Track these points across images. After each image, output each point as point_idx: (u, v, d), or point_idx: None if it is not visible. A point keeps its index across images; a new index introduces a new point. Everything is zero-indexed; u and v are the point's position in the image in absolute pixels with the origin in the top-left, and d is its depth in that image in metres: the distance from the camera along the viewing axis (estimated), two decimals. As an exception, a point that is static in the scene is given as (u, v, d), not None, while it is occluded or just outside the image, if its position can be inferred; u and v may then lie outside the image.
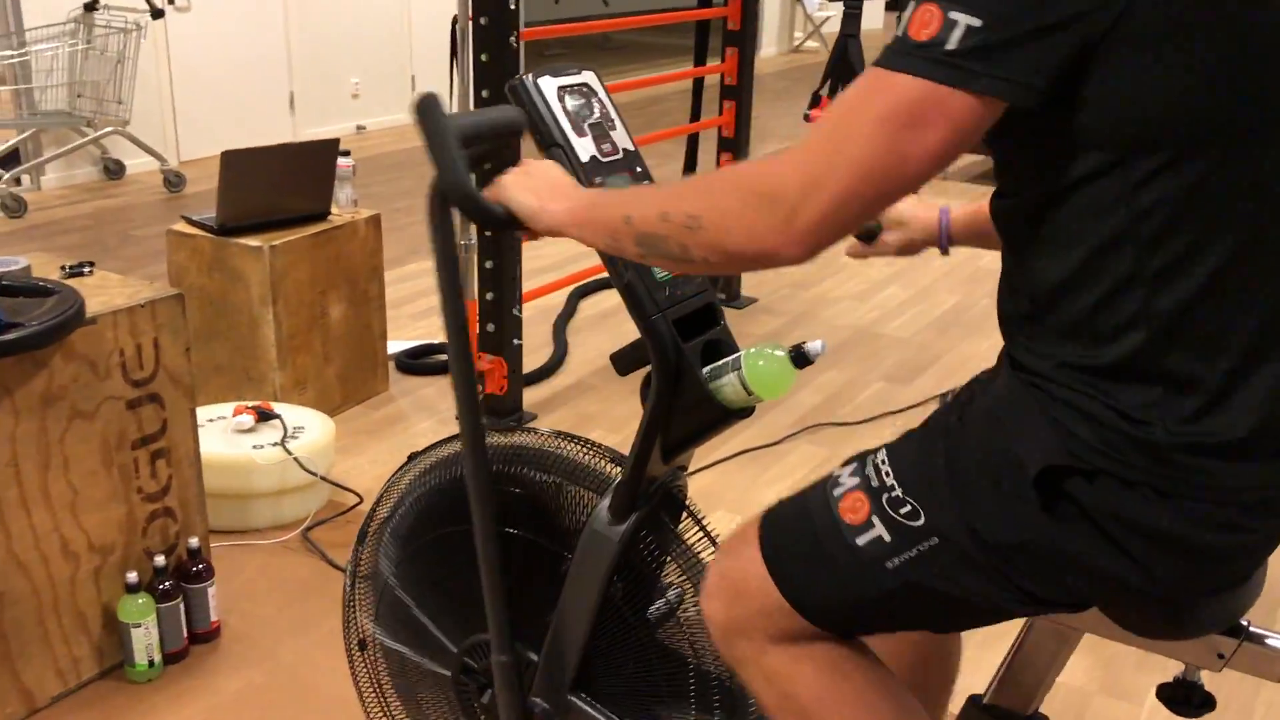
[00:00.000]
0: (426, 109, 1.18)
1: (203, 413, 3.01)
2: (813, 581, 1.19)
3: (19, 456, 2.02)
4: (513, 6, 3.08)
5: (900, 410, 3.60)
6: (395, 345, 3.89)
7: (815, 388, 3.79)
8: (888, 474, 1.16)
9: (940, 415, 1.19)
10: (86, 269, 2.31)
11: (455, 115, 1.20)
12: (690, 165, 4.49)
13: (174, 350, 2.26)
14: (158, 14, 5.85)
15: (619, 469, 1.44)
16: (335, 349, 3.46)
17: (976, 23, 0.93)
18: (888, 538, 1.14)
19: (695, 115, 4.46)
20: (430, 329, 4.16)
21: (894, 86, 0.95)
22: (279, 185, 3.27)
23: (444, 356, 3.87)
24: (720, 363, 1.35)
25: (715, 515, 2.97)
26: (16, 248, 5.12)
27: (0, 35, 5.78)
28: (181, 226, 3.32)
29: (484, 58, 3.13)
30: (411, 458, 1.64)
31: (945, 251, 1.51)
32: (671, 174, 1.55)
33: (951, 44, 0.94)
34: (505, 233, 1.33)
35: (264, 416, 2.96)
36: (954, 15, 0.94)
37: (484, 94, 3.16)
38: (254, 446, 2.83)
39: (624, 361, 1.37)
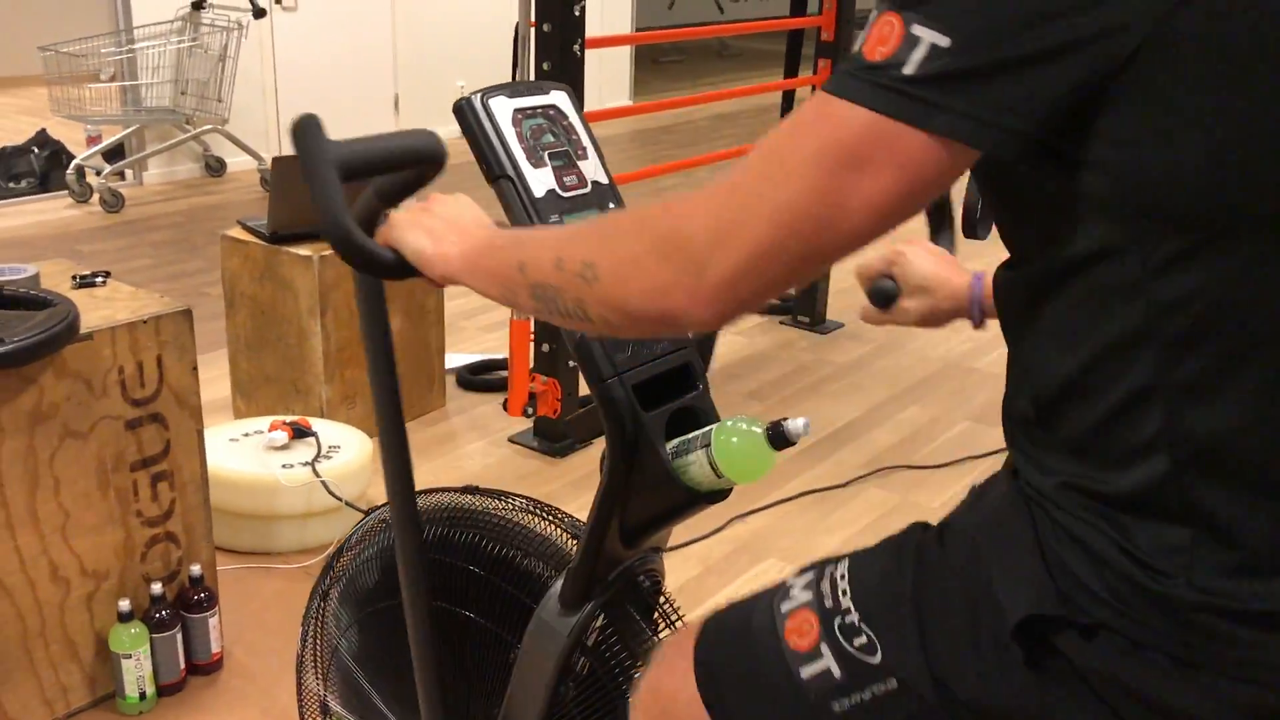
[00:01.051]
0: (301, 132, 1.01)
1: (238, 426, 2.92)
2: (747, 714, 0.98)
3: (3, 477, 1.92)
4: (577, 13, 2.92)
5: (985, 455, 3.32)
6: (456, 359, 3.76)
7: (893, 425, 3.54)
8: (844, 593, 0.94)
9: (918, 529, 0.97)
10: (99, 279, 2.22)
11: (342, 142, 1.03)
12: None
13: (179, 369, 2.14)
14: (260, 13, 5.87)
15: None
16: (387, 363, 3.33)
17: (944, 42, 0.73)
18: (837, 672, 0.93)
19: (785, 130, 4.23)
20: (495, 343, 4.03)
21: (834, 116, 0.76)
22: (307, 196, 3.16)
23: (505, 373, 3.73)
24: (689, 436, 1.15)
25: (764, 565, 2.75)
26: (104, 243, 5.17)
27: (110, 32, 5.87)
28: (236, 232, 3.24)
29: (545, 66, 2.97)
30: (368, 512, 1.48)
31: (978, 324, 1.27)
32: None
33: (910, 67, 0.74)
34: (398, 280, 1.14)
35: (299, 433, 2.85)
36: (916, 30, 0.74)
37: (544, 104, 3.00)
38: (283, 466, 2.72)
39: (582, 426, 1.17)
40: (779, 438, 1.10)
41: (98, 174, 5.74)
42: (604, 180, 1.20)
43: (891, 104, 0.74)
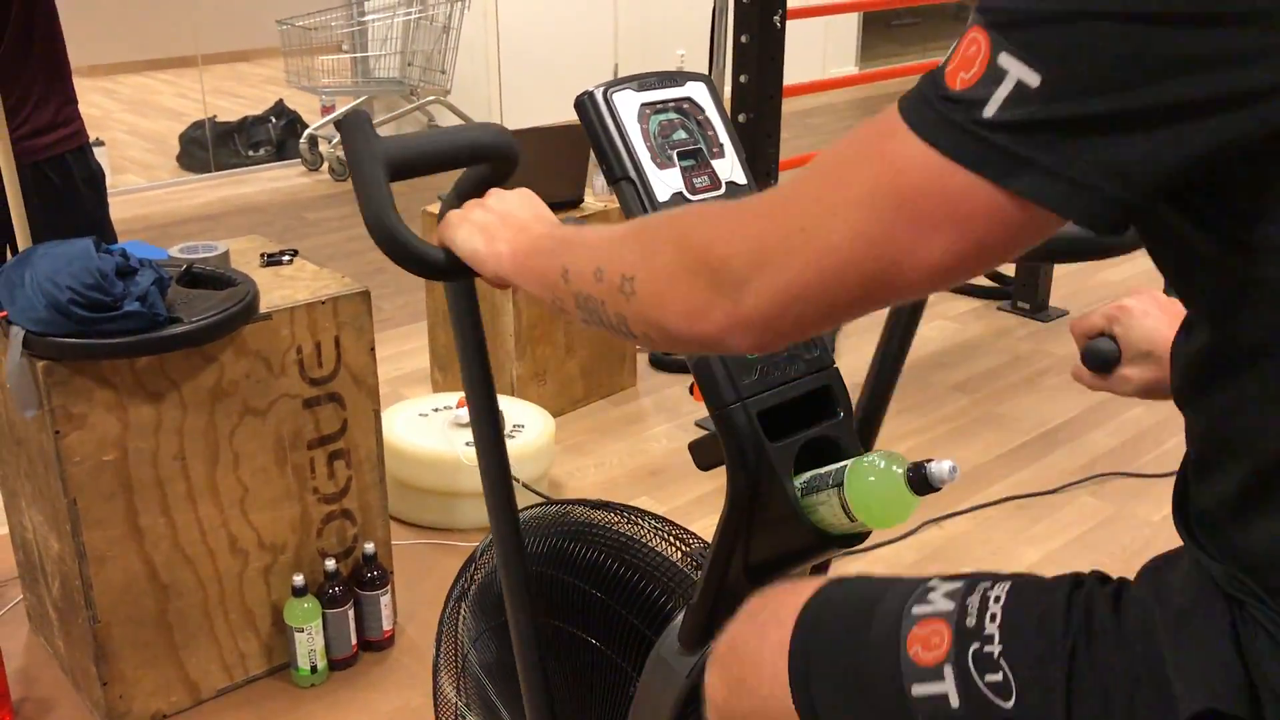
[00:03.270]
0: (349, 129, 0.95)
1: (429, 401, 2.95)
2: (834, 713, 0.87)
3: (186, 451, 1.98)
4: (778, -18, 2.78)
5: (1218, 464, 3.01)
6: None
7: (1115, 427, 3.25)
8: (994, 617, 0.81)
9: (1094, 580, 0.83)
10: (286, 258, 2.25)
11: (393, 139, 0.97)
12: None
13: (357, 349, 2.16)
14: (483, -15, 5.95)
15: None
16: (579, 341, 3.31)
17: (1033, 80, 0.60)
18: (955, 702, 0.80)
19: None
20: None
21: (898, 151, 0.65)
22: (530, 169, 3.13)
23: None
24: (822, 472, 1.03)
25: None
26: (328, 211, 5.38)
27: (342, 5, 6.08)
28: (435, 208, 3.27)
29: (744, 39, 2.85)
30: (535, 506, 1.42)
31: None
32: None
33: (991, 107, 0.61)
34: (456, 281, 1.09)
35: (486, 411, 2.85)
36: (1004, 60, 0.61)
37: (742, 79, 2.88)
38: (466, 443, 2.72)
39: (704, 453, 1.07)
40: (920, 482, 0.96)
41: (329, 143, 5.98)
42: (741, 180, 1.09)
43: (965, 150, 0.62)
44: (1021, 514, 2.83)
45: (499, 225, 0.96)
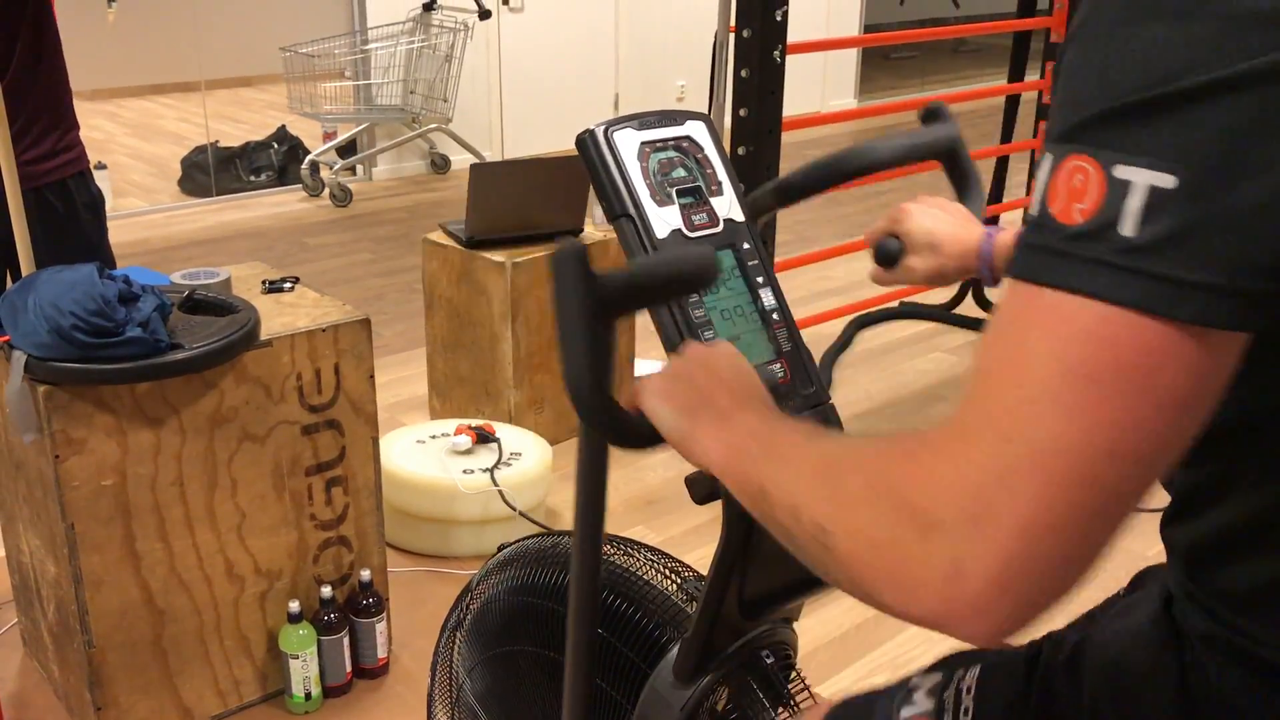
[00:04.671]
0: (561, 268, 0.82)
1: (426, 428, 2.96)
2: None
3: (185, 476, 1.99)
4: (778, 18, 2.81)
5: (1212, 500, 3.02)
6: (646, 366, 3.71)
7: (1110, 461, 3.26)
8: (966, 711, 0.83)
9: (1049, 645, 0.84)
10: (287, 285, 2.27)
11: (609, 275, 0.83)
12: (996, 195, 4.02)
13: (356, 376, 2.17)
14: (485, 14, 6.00)
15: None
16: (577, 370, 3.32)
17: (1168, 181, 0.53)
18: None
19: (1006, 137, 3.99)
20: (692, 352, 3.96)
21: (1050, 317, 0.56)
22: (530, 199, 3.17)
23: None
24: (818, 506, 1.04)
25: (950, 608, 2.57)
26: (329, 236, 5.41)
27: (345, 33, 6.14)
28: (437, 235, 3.29)
29: (744, 73, 2.87)
30: (501, 549, 1.43)
31: (990, 284, 1.18)
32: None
33: (1129, 226, 0.54)
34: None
35: (483, 439, 2.86)
36: (1122, 171, 0.54)
37: (742, 113, 2.90)
38: (463, 471, 2.73)
39: (700, 487, 1.08)
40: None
41: (330, 169, 6.01)
42: (738, 218, 1.10)
43: (1123, 289, 0.54)
44: (1016, 547, 2.83)
45: (701, 404, 0.85)
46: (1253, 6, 0.52)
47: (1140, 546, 0.95)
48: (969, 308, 4.25)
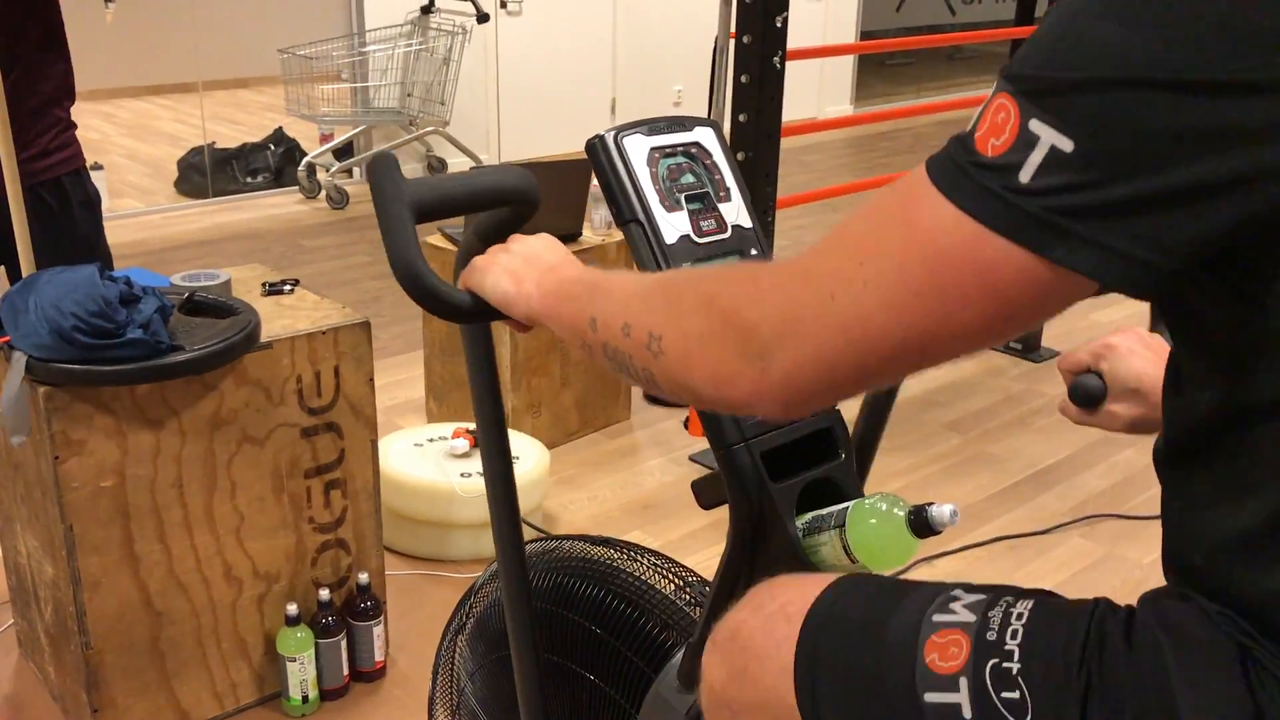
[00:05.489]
0: (376, 171, 0.98)
1: (424, 431, 2.96)
2: (840, 712, 0.86)
3: (184, 478, 1.99)
4: (779, 24, 2.81)
5: (1207, 508, 3.03)
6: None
7: (1106, 468, 3.27)
8: (1015, 634, 0.81)
9: (1106, 609, 0.83)
10: (287, 287, 2.27)
11: (420, 180, 0.99)
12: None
13: (356, 379, 2.17)
14: (483, 18, 6.00)
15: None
16: (574, 373, 3.33)
17: (1066, 145, 0.61)
18: (968, 714, 0.80)
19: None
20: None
21: (931, 218, 0.65)
22: (529, 203, 3.17)
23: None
24: (824, 513, 1.04)
25: (947, 614, 2.57)
26: (326, 239, 5.40)
27: (343, 35, 6.13)
28: (435, 239, 3.29)
29: (744, 79, 2.88)
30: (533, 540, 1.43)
31: None
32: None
33: (1026, 173, 0.62)
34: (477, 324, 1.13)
35: (481, 442, 2.85)
36: (1035, 126, 0.62)
37: (741, 118, 2.91)
38: (461, 474, 2.73)
39: (706, 492, 1.09)
40: (921, 524, 0.98)
41: (327, 171, 6.01)
42: (747, 224, 1.11)
43: (998, 217, 0.62)
44: (1012, 554, 2.84)
45: (526, 268, 0.98)
46: (1201, 24, 0.59)
47: (1137, 554, 0.95)
48: (965, 314, 4.25)
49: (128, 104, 7.25)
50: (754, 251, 1.11)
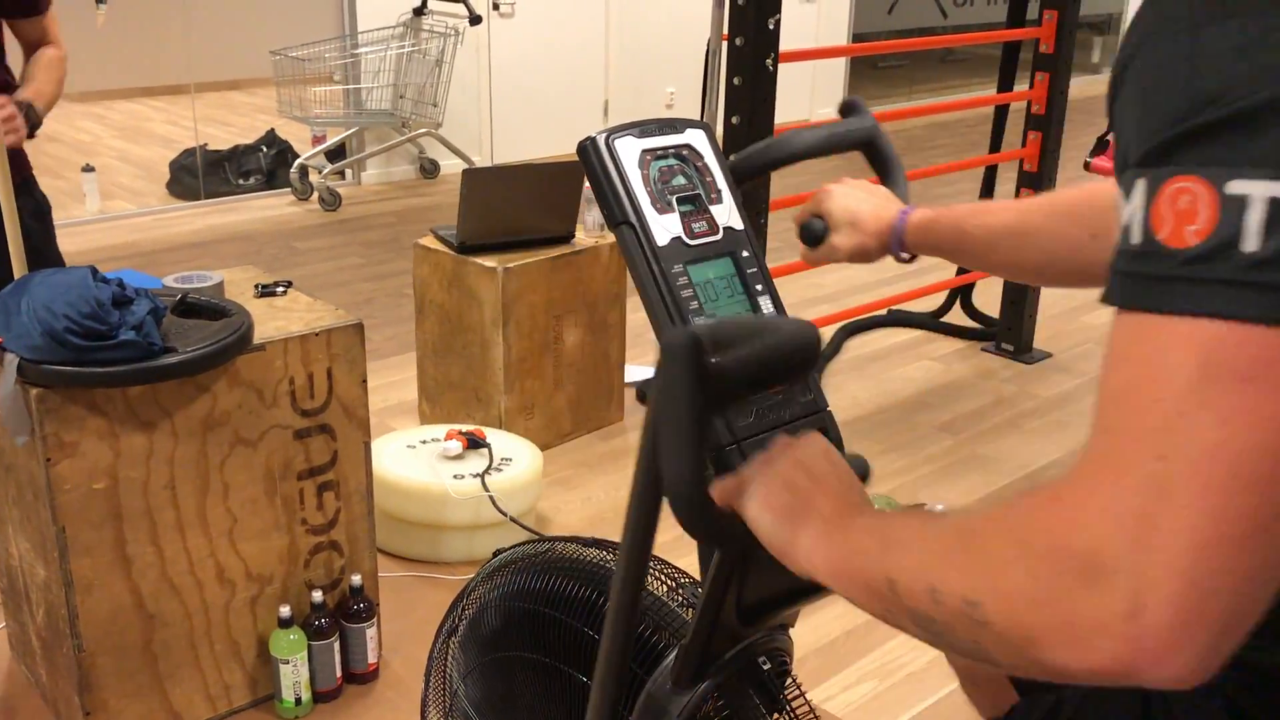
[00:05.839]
0: (673, 355, 0.75)
1: (417, 433, 2.96)
2: None
3: (176, 480, 1.99)
4: (771, 26, 2.82)
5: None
6: (637, 372, 3.72)
7: (1097, 469, 3.28)
8: None
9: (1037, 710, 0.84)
10: (280, 289, 2.27)
11: (723, 365, 0.78)
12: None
13: (349, 381, 2.17)
14: (475, 20, 6.00)
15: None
16: (567, 375, 3.33)
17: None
18: None
19: (995, 146, 4.01)
20: (681, 358, 3.96)
21: (1178, 343, 0.54)
22: (522, 205, 3.18)
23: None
24: (816, 513, 1.04)
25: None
26: (318, 240, 5.40)
27: (336, 37, 6.13)
28: (428, 240, 3.29)
29: (736, 81, 2.89)
30: (497, 554, 1.43)
31: (901, 259, 1.23)
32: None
33: (1251, 241, 0.52)
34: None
35: (474, 444, 2.86)
36: (1236, 186, 0.52)
37: (734, 121, 2.92)
38: (454, 476, 2.73)
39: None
40: (913, 525, 0.98)
41: (319, 173, 6.00)
42: (738, 226, 1.11)
43: (1256, 305, 0.52)
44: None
45: (802, 506, 0.82)
46: None
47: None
48: (957, 316, 4.27)
49: (119, 105, 7.24)
50: (745, 253, 1.11)
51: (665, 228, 1.06)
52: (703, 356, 0.75)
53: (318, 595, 2.18)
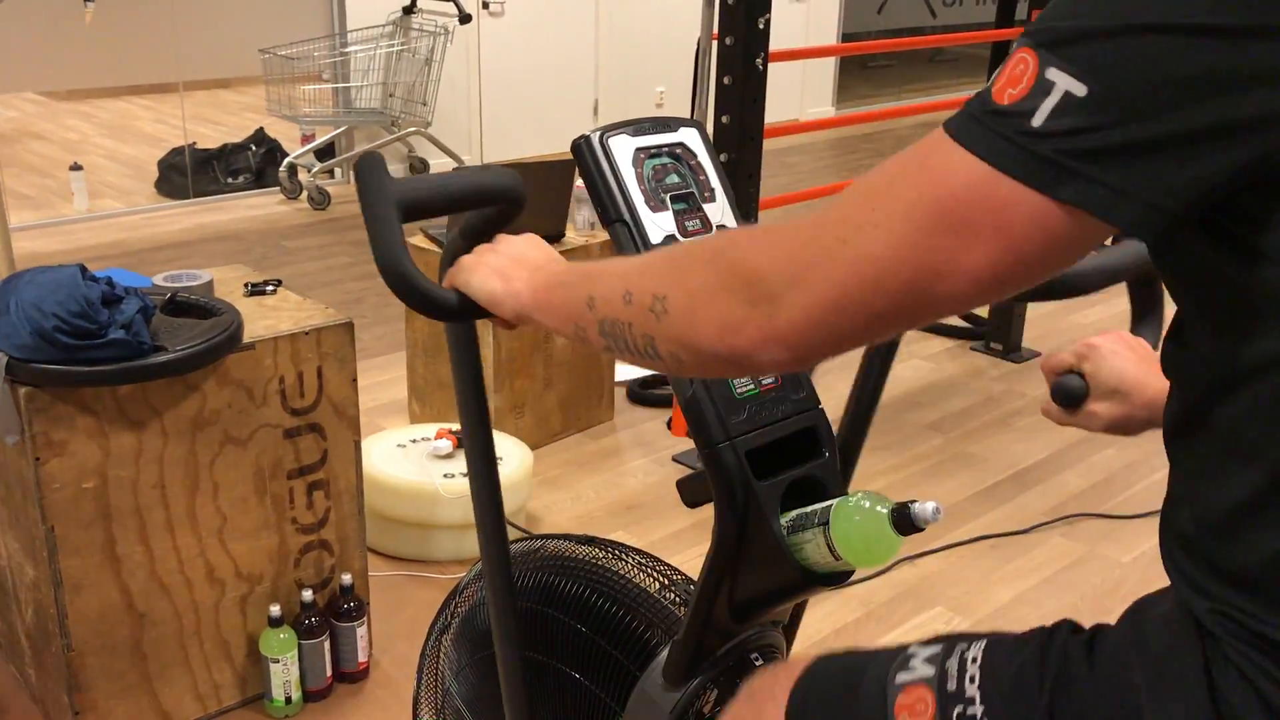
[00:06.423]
0: (363, 170, 0.97)
1: (407, 432, 2.95)
2: None
3: (166, 479, 1.98)
4: (761, 26, 2.82)
5: (1186, 507, 3.05)
6: (627, 371, 3.72)
7: (1086, 468, 3.30)
8: (972, 679, 0.83)
9: (1066, 630, 0.85)
10: (270, 287, 2.26)
11: (405, 180, 0.99)
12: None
13: (339, 380, 2.16)
14: (465, 19, 6.00)
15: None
16: (558, 374, 3.33)
17: (1079, 90, 0.62)
18: None
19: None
20: (672, 357, 3.97)
21: (942, 164, 0.66)
22: (512, 203, 3.17)
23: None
24: (807, 511, 1.05)
25: (929, 614, 2.59)
26: (307, 239, 5.39)
27: (325, 36, 6.12)
28: (418, 240, 3.29)
29: (726, 81, 2.89)
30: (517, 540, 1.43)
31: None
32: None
33: (1040, 117, 0.63)
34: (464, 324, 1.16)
35: (464, 443, 2.85)
36: (1052, 73, 0.63)
37: (724, 120, 2.92)
38: (444, 475, 2.73)
39: (691, 491, 1.09)
40: (905, 521, 0.98)
41: (308, 171, 5.99)
42: (732, 224, 1.11)
43: (1012, 159, 0.63)
44: (994, 553, 2.86)
45: (514, 266, 0.98)
46: None
47: (1117, 553, 0.96)
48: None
49: (107, 104, 7.21)
50: (738, 251, 1.11)
51: (659, 225, 1.06)
52: (384, 169, 0.97)
53: (308, 594, 2.18)
